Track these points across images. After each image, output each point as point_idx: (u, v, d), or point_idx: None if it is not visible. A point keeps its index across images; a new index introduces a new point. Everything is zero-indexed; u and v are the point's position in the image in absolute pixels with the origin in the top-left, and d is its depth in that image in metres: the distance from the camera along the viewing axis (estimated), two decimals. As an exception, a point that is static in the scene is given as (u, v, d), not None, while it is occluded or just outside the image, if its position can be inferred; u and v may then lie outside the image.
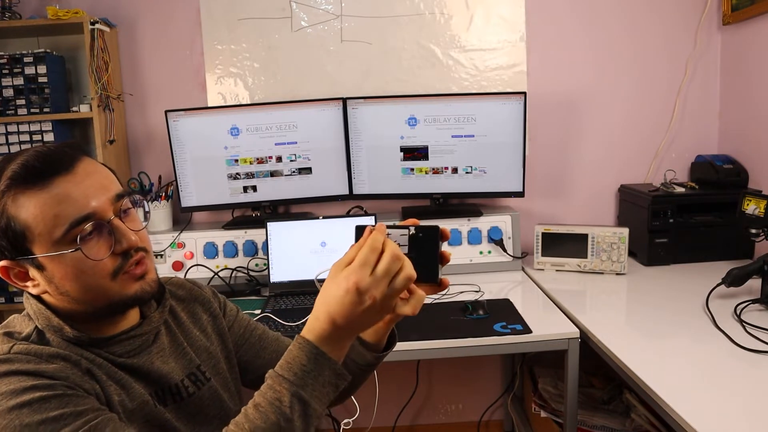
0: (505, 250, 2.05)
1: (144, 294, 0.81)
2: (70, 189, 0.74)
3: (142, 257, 0.81)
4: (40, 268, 0.76)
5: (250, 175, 2.12)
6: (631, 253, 2.02)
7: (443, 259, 0.73)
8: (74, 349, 0.77)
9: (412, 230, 0.72)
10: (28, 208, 0.73)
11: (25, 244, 0.74)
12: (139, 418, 0.79)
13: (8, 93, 2.01)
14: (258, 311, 1.74)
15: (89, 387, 0.74)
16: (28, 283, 0.78)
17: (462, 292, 1.82)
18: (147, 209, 0.86)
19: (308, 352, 0.68)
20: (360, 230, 0.72)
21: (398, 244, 0.71)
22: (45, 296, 0.79)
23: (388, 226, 0.72)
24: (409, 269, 0.67)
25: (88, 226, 0.75)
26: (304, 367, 0.67)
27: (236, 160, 2.10)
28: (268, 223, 1.94)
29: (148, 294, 0.82)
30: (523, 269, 2.06)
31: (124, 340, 0.82)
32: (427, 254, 0.71)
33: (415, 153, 2.09)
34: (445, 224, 2.07)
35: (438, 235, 0.71)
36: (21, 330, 0.79)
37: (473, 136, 2.04)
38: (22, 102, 2.02)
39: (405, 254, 0.69)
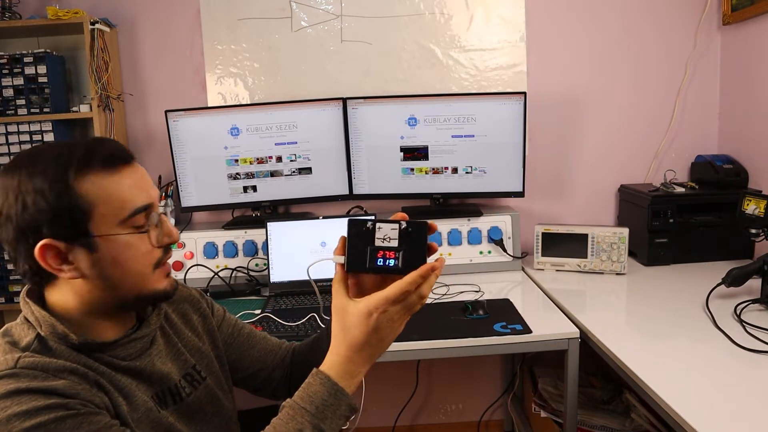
0: (505, 250, 2.05)
1: (171, 291, 0.85)
2: (134, 178, 0.80)
3: (170, 255, 0.86)
4: (91, 248, 0.76)
5: (250, 175, 2.12)
6: (631, 253, 2.02)
7: (430, 250, 0.76)
8: (79, 357, 0.77)
9: (403, 225, 0.75)
10: (98, 189, 0.76)
11: (86, 224, 0.75)
12: (146, 426, 0.81)
13: (8, 93, 2.01)
14: (258, 311, 1.74)
15: (99, 401, 0.75)
16: (64, 266, 0.77)
17: (462, 292, 1.82)
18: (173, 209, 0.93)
19: (329, 388, 0.72)
20: (352, 225, 0.75)
21: (389, 237, 0.74)
22: (68, 288, 0.79)
23: (379, 221, 0.75)
24: (425, 300, 0.74)
25: (145, 216, 0.80)
26: (325, 401, 0.72)
27: (236, 160, 2.10)
28: (268, 223, 1.94)
29: (172, 292, 0.86)
30: (523, 269, 2.06)
31: (126, 343, 0.84)
32: (416, 247, 0.74)
33: (415, 153, 2.09)
34: (445, 224, 2.09)
35: (426, 229, 0.75)
36: (20, 339, 0.78)
37: (473, 136, 2.04)
38: (22, 102, 2.02)
39: (395, 247, 0.74)
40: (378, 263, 0.74)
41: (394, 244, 0.74)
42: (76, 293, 0.79)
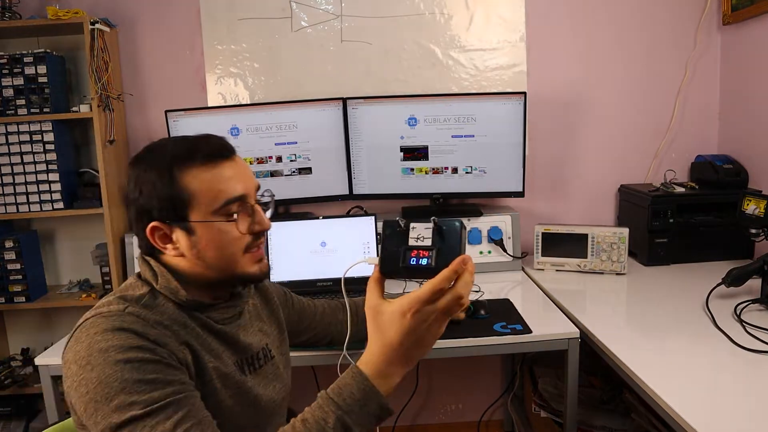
0: (505, 250, 2.05)
1: (261, 275, 0.95)
2: (232, 172, 0.91)
3: (263, 242, 0.96)
4: (190, 232, 0.88)
5: (250, 175, 2.12)
6: (631, 253, 2.02)
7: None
8: (180, 315, 0.89)
9: (437, 222, 0.75)
10: (198, 181, 0.88)
11: (186, 210, 0.87)
12: (232, 383, 0.92)
13: (8, 93, 2.01)
14: (258, 311, 1.74)
15: (182, 357, 0.85)
16: (168, 246, 0.89)
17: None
18: (272, 202, 1.03)
19: (360, 383, 0.74)
20: (387, 225, 0.76)
21: (422, 237, 0.75)
22: (178, 260, 0.91)
23: (414, 220, 0.77)
24: (466, 302, 0.72)
25: (238, 205, 0.90)
26: (353, 395, 0.74)
27: (236, 160, 2.10)
28: (268, 223, 1.93)
29: (263, 275, 0.96)
30: (523, 269, 2.06)
31: (222, 307, 0.96)
32: (450, 245, 0.73)
33: (415, 153, 2.09)
34: (445, 224, 2.07)
35: (460, 228, 0.75)
36: (135, 292, 0.89)
37: (473, 136, 2.04)
38: (22, 102, 2.02)
39: (428, 246, 0.74)
40: (411, 262, 0.74)
41: (428, 243, 0.74)
42: (181, 267, 0.91)
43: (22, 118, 2.02)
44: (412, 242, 0.75)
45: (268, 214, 0.99)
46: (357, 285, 1.08)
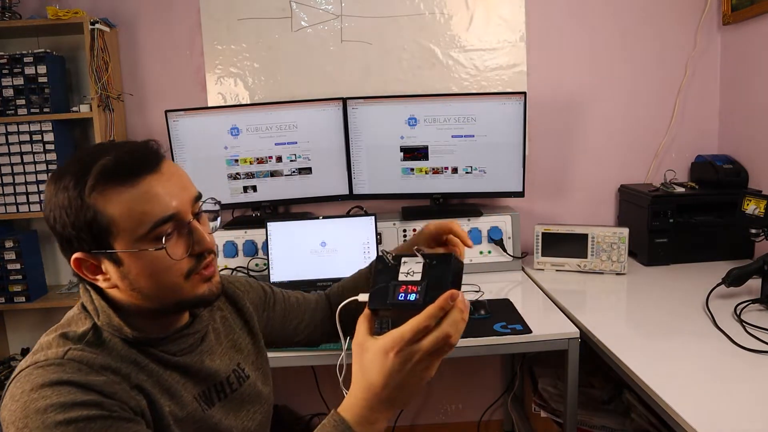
0: (505, 250, 2.05)
1: (211, 295, 0.82)
2: (157, 188, 0.75)
3: (212, 259, 0.83)
4: (117, 263, 0.76)
5: (250, 175, 2.12)
6: (631, 253, 2.02)
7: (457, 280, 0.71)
8: (130, 352, 0.78)
9: (427, 257, 0.70)
10: (117, 204, 0.73)
11: (108, 239, 0.74)
12: (190, 425, 0.81)
13: (8, 93, 2.01)
14: (258, 311, 1.74)
15: (135, 405, 0.74)
16: (99, 277, 0.78)
17: (462, 292, 1.82)
18: (218, 211, 0.89)
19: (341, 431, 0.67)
20: (379, 260, 0.72)
21: (413, 271, 0.70)
22: (114, 291, 0.79)
23: (406, 255, 0.71)
24: (455, 342, 0.66)
25: (170, 226, 0.76)
26: None
27: (236, 160, 2.10)
28: (268, 223, 1.94)
29: (215, 296, 0.83)
30: (523, 269, 2.06)
31: (178, 338, 0.84)
32: (439, 281, 0.68)
33: (415, 153, 2.09)
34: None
35: (450, 261, 0.69)
36: (78, 329, 0.78)
37: (473, 136, 2.04)
38: (22, 102, 2.02)
39: (417, 281, 0.68)
40: (399, 298, 0.68)
41: (417, 277, 0.69)
42: (119, 299, 0.80)
43: (22, 118, 2.02)
44: (402, 277, 0.70)
45: (215, 224, 0.86)
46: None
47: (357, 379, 0.67)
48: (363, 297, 0.72)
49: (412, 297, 0.68)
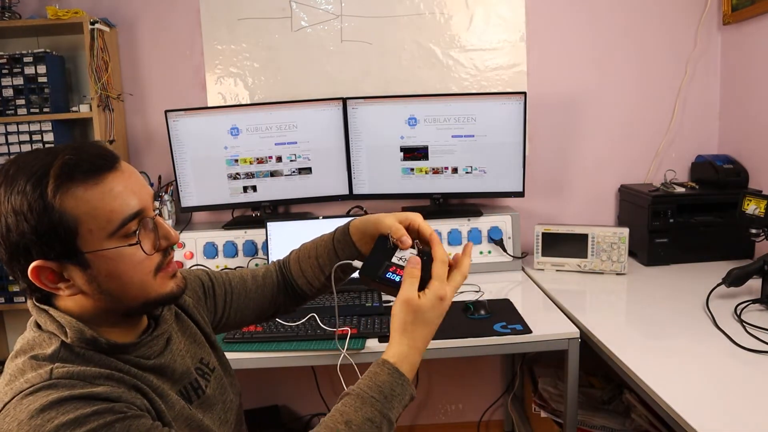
0: (505, 250, 2.05)
1: (178, 291, 0.82)
2: (120, 186, 0.74)
3: (173, 255, 0.83)
4: (84, 265, 0.73)
5: (250, 175, 2.12)
6: (631, 253, 2.02)
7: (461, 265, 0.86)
8: (109, 361, 0.76)
9: (421, 251, 0.86)
10: (82, 204, 0.71)
11: (74, 241, 0.71)
12: (182, 423, 0.81)
13: (8, 93, 2.01)
14: (258, 311, 1.73)
15: (140, 404, 0.73)
16: (61, 285, 0.74)
17: (462, 292, 1.82)
18: (166, 210, 0.92)
19: (397, 378, 0.79)
20: (383, 238, 0.87)
21: (405, 258, 0.85)
22: (77, 299, 0.76)
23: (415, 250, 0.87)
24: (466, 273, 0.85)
25: (136, 223, 0.75)
26: (393, 391, 0.78)
27: (236, 160, 2.10)
28: (268, 223, 1.94)
29: (182, 290, 0.83)
30: (523, 269, 2.06)
31: (149, 341, 0.82)
32: (423, 272, 0.83)
33: (415, 153, 2.09)
34: (445, 224, 2.09)
35: (430, 262, 0.83)
36: (45, 350, 0.73)
37: (473, 136, 2.04)
38: (22, 102, 2.02)
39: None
40: (387, 275, 0.83)
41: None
42: (81, 306, 0.76)
43: (21, 118, 2.02)
44: (395, 260, 0.85)
45: (169, 224, 0.85)
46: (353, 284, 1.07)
47: (408, 331, 0.80)
48: (357, 263, 0.88)
49: (397, 278, 0.83)
